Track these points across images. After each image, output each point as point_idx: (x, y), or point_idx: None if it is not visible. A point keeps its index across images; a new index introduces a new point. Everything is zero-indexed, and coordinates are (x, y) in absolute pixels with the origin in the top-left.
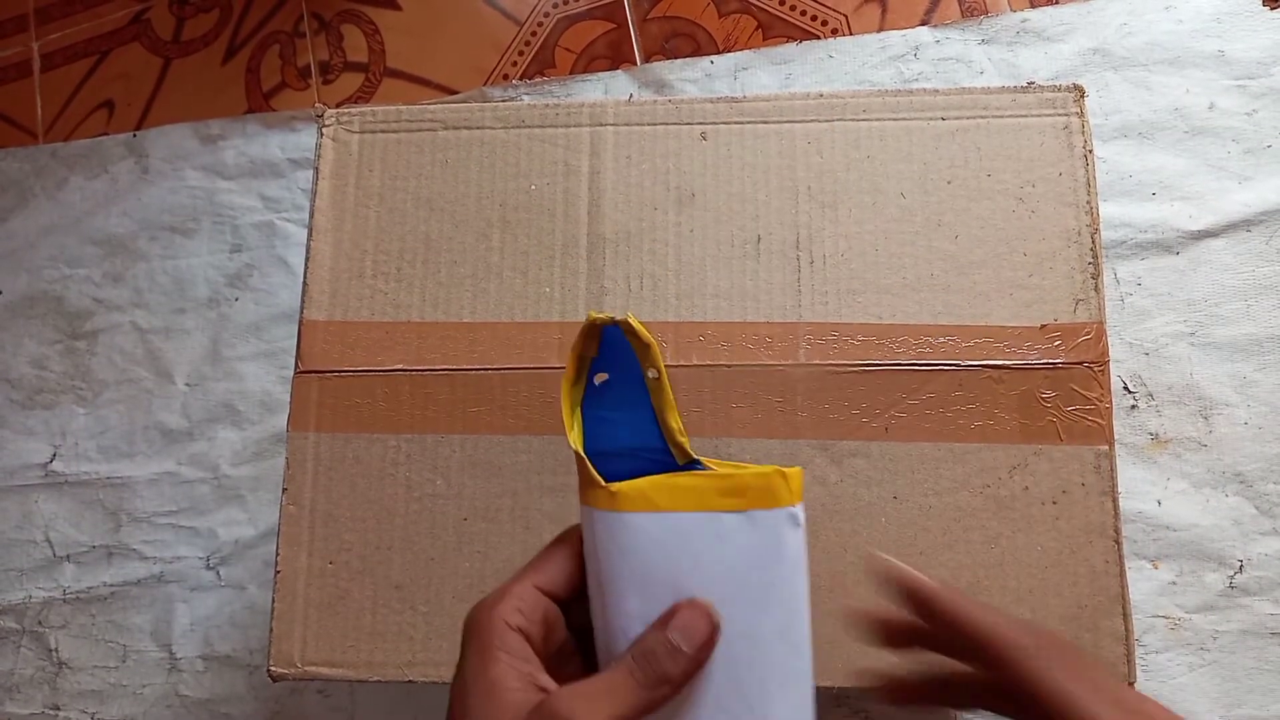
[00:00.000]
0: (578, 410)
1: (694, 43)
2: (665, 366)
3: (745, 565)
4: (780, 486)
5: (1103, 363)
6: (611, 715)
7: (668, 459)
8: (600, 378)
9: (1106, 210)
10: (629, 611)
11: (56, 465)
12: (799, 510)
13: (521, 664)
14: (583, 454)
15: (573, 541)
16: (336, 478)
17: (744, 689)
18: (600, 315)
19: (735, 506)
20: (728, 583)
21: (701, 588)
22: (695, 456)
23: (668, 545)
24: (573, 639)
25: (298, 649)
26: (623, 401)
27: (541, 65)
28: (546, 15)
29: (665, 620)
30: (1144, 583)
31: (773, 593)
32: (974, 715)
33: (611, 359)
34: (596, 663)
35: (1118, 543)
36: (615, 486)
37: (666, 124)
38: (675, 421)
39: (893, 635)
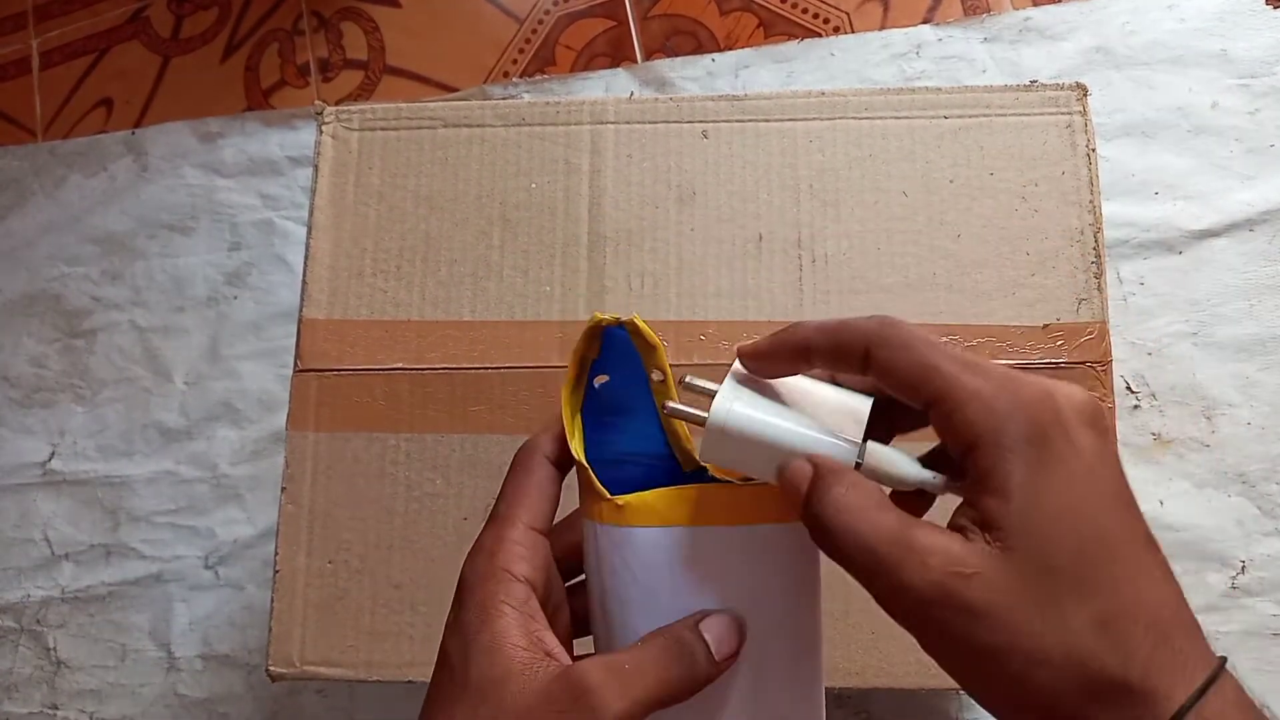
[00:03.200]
0: (578, 416)
1: (695, 40)
2: (670, 369)
3: (759, 579)
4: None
5: (1105, 362)
6: (640, 698)
7: (672, 465)
8: (600, 379)
9: (1109, 209)
10: (635, 629)
11: (55, 464)
12: None
13: (527, 620)
14: (586, 463)
15: (541, 470)
16: (335, 477)
17: (761, 695)
18: (605, 316)
19: (748, 520)
20: (742, 597)
21: (712, 603)
22: (702, 464)
23: (676, 561)
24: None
25: (296, 649)
26: (625, 406)
27: (542, 63)
28: (547, 13)
29: (697, 619)
30: None
31: (788, 603)
32: None
33: (613, 361)
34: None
35: None
36: (622, 499)
37: (668, 122)
38: (682, 427)
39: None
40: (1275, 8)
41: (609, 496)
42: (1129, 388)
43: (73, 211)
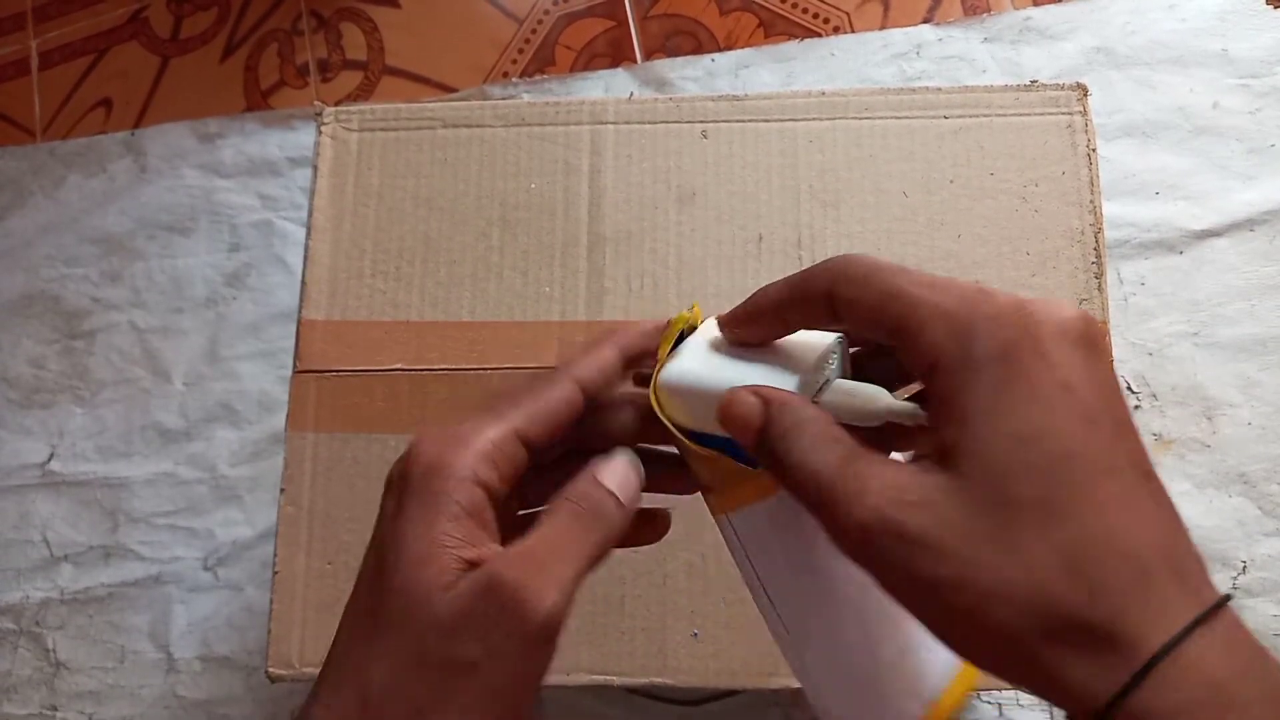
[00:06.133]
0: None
1: (695, 40)
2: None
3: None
4: None
5: None
6: (567, 581)
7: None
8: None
9: (1110, 209)
10: (807, 609)
11: (54, 465)
12: None
13: (476, 530)
14: (719, 454)
15: (566, 388)
16: (335, 478)
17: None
18: (687, 314)
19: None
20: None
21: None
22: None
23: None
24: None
25: (296, 650)
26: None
27: (541, 63)
28: (546, 13)
29: (593, 474)
30: None
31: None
32: None
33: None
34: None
35: None
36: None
37: (667, 122)
38: None
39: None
40: (1276, 8)
41: (755, 469)
42: (1130, 388)
43: (72, 212)
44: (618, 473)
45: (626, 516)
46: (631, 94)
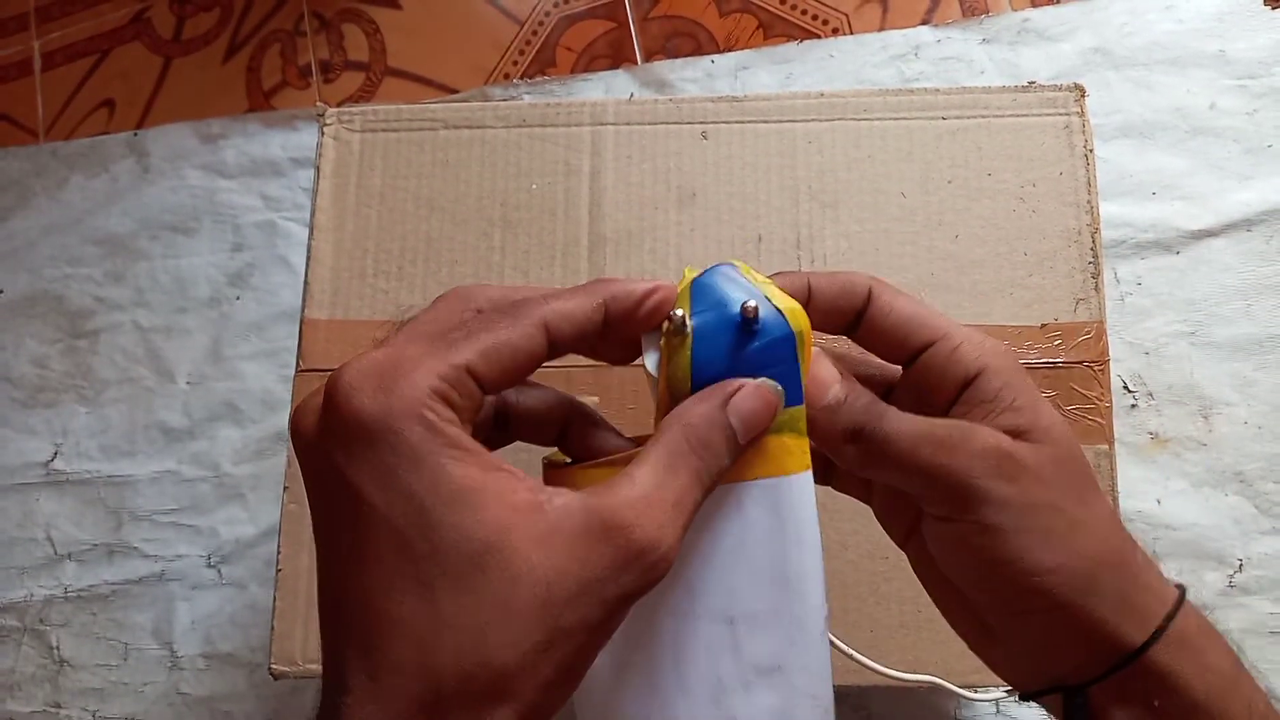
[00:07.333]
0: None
1: (695, 42)
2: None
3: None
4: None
5: (1103, 362)
6: (684, 525)
7: None
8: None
9: (1107, 210)
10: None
11: (58, 464)
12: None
13: (495, 460)
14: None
15: (531, 329)
16: None
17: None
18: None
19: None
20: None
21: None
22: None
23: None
24: None
25: (299, 647)
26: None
27: (542, 64)
28: (547, 14)
29: (724, 400)
30: None
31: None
32: None
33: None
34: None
35: None
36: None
37: (667, 123)
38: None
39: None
40: (1273, 8)
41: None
42: (1126, 387)
43: (75, 213)
44: (748, 402)
45: (738, 453)
46: (632, 95)
